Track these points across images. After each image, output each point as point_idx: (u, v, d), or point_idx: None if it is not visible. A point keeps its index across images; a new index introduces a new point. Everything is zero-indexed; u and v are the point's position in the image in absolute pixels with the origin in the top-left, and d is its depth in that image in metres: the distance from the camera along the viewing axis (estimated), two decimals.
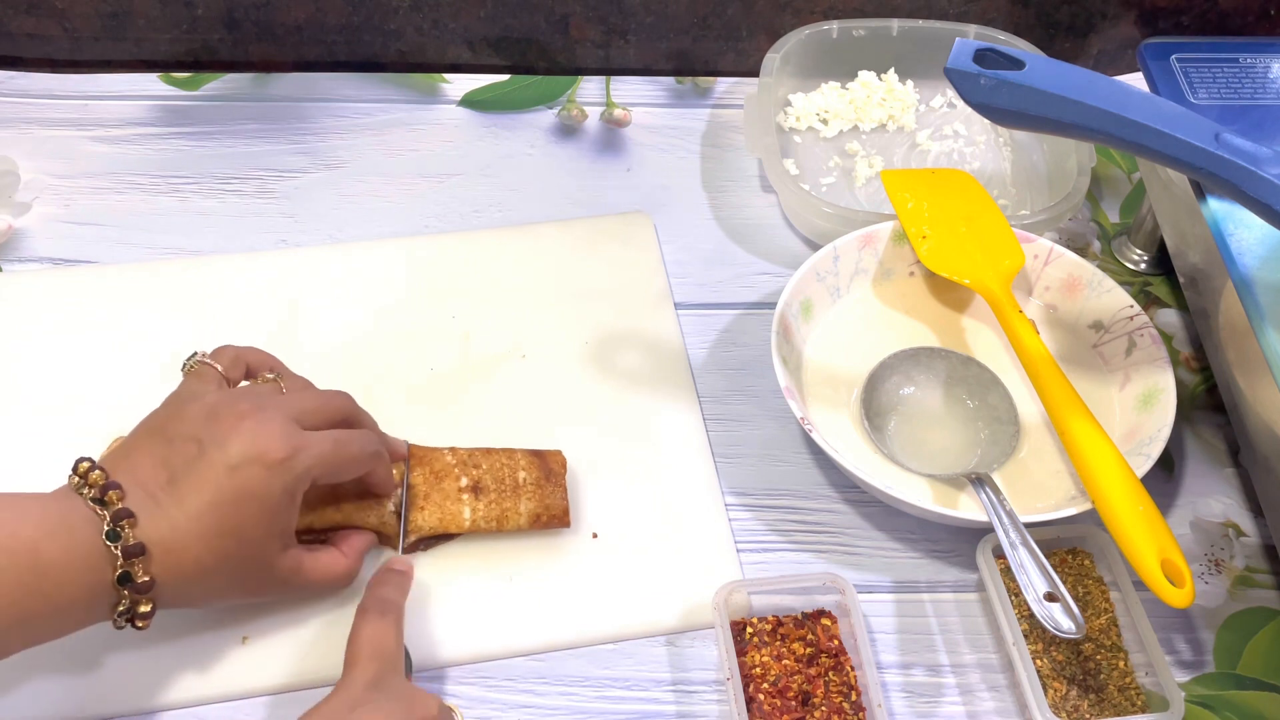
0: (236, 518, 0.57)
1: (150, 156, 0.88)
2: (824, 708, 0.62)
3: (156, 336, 0.76)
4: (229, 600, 0.62)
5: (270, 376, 0.65)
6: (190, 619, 0.64)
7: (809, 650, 0.64)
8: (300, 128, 0.91)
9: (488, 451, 0.69)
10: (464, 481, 0.67)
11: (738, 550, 0.70)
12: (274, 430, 0.58)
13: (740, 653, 0.64)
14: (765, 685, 0.63)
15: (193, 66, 0.97)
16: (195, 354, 0.64)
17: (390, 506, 0.66)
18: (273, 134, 0.90)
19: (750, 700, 0.62)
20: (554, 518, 0.68)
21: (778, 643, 0.65)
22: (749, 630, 0.65)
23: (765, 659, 0.64)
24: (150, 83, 0.93)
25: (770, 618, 0.66)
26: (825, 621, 0.66)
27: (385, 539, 0.67)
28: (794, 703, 0.62)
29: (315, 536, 0.67)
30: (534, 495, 0.68)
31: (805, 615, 0.66)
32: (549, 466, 0.69)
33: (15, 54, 0.95)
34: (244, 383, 0.65)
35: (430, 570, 0.67)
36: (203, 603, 0.61)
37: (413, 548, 0.67)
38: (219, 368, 0.63)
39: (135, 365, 0.75)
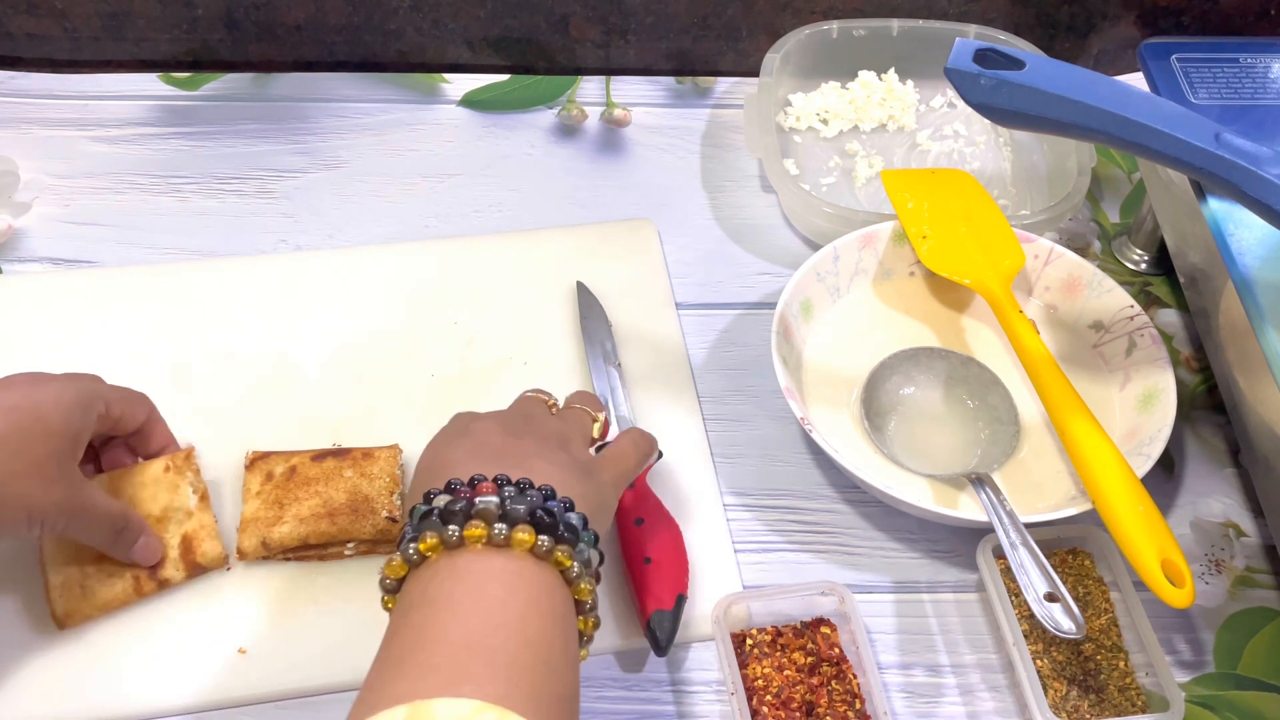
0: (31, 397, 0.60)
1: (150, 156, 0.88)
2: (829, 718, 0.62)
3: (156, 336, 0.76)
4: (16, 489, 0.59)
5: None
6: (187, 628, 0.64)
7: (810, 660, 0.64)
8: (300, 128, 0.91)
9: None
10: None
11: (736, 551, 0.70)
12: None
13: (741, 665, 0.64)
14: (769, 697, 0.63)
15: (192, 66, 0.97)
16: None
17: (384, 514, 0.66)
18: (273, 134, 0.90)
19: (754, 713, 0.62)
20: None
21: (778, 653, 0.64)
22: (749, 642, 0.65)
23: (767, 670, 0.64)
24: (150, 83, 0.93)
25: (769, 628, 0.66)
26: (825, 630, 0.65)
27: (385, 548, 0.67)
28: (798, 713, 0.62)
29: (315, 552, 0.66)
30: None
31: (804, 624, 0.66)
32: None
33: (15, 54, 0.95)
34: None
35: None
36: None
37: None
38: None
39: (135, 365, 0.75)
